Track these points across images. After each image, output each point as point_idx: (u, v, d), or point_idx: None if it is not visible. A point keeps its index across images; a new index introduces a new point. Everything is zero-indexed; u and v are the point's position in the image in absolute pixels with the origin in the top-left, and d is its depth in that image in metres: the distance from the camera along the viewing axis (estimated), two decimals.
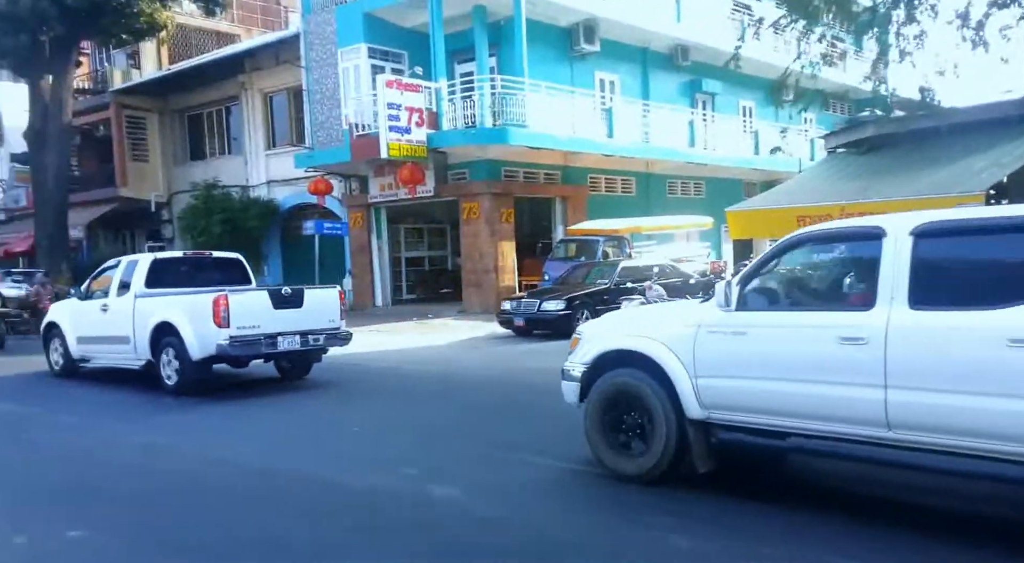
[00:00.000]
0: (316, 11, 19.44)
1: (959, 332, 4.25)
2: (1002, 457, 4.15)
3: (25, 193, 27.29)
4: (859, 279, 4.95)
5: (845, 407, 4.57)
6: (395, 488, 5.86)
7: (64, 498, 6.04)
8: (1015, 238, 4.31)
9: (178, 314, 10.17)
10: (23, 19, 19.12)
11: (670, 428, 5.30)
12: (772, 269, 5.24)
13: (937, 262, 4.53)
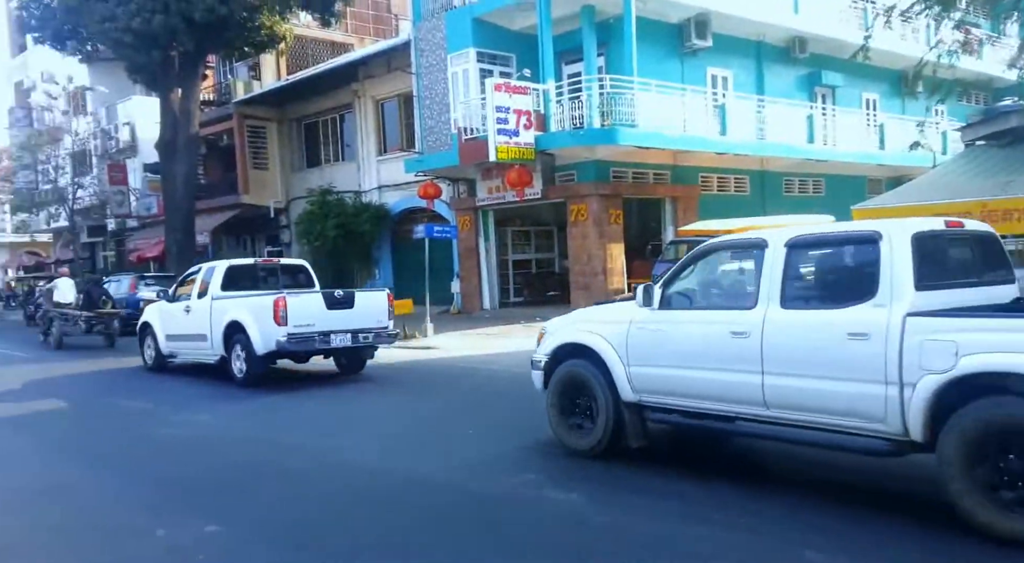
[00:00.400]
0: (426, 18, 19.76)
1: (814, 327, 5.14)
2: (845, 430, 5.04)
3: (156, 201, 29.05)
4: (748, 283, 5.74)
5: (735, 389, 5.49)
6: (514, 493, 5.84)
7: (195, 493, 6.31)
8: (852, 249, 5.33)
9: (245, 314, 11.36)
10: (156, 36, 20.29)
11: (609, 410, 6.31)
12: (687, 275, 6.12)
13: (802, 269, 5.48)
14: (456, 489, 6.05)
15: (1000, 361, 4.39)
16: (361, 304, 11.74)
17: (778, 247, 5.49)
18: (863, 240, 5.20)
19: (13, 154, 35.57)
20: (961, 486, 4.50)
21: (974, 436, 4.47)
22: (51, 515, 5.88)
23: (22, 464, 7.62)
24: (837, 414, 5.03)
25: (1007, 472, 4.38)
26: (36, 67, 35.88)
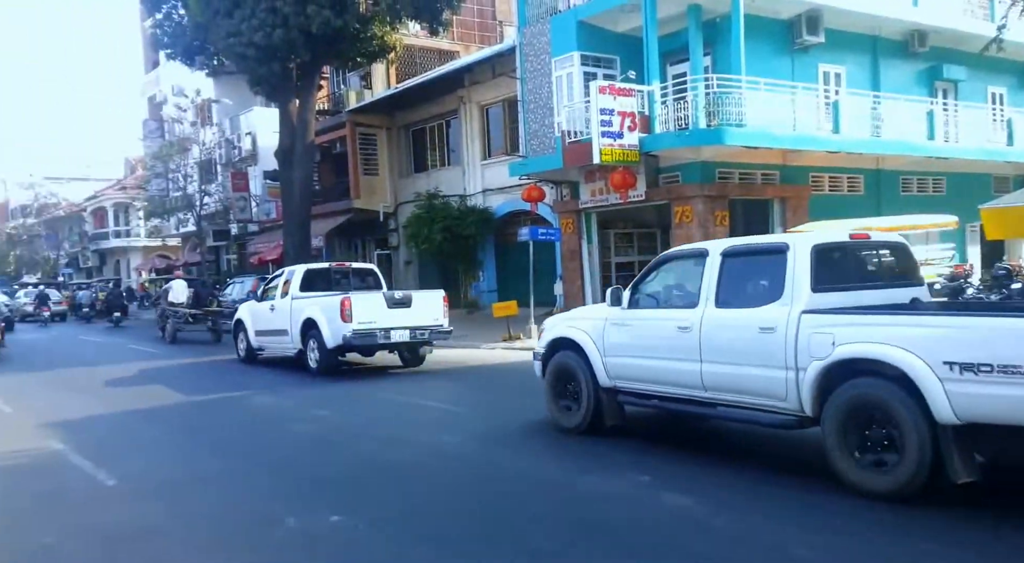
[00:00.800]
0: (531, 23, 20.07)
1: (738, 323, 6.19)
2: (761, 408, 6.12)
3: (275, 206, 30.64)
4: (693, 286, 6.72)
5: (682, 375, 6.61)
6: (626, 493, 5.98)
7: (320, 483, 6.66)
8: (768, 258, 6.25)
9: (318, 312, 12.97)
10: (276, 49, 21.45)
11: (590, 394, 7.53)
12: (651, 279, 7.24)
13: (731, 274, 6.45)
14: (564, 486, 6.39)
15: (859, 350, 5.46)
16: (418, 304, 13.07)
17: (715, 256, 6.62)
18: (776, 250, 6.28)
19: (147, 164, 38.33)
20: (837, 452, 5.59)
21: (844, 410, 5.54)
22: (189, 502, 6.34)
23: (158, 453, 8.18)
24: (754, 394, 6.17)
25: (868, 440, 5.49)
26: (167, 82, 38.53)
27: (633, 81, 17.02)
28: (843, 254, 6.52)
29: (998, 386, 4.83)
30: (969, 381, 4.96)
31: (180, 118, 34.46)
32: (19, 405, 11.41)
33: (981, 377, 4.91)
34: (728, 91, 16.17)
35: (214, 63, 26.48)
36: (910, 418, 5.21)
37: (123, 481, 6.93)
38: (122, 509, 6.16)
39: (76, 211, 55.01)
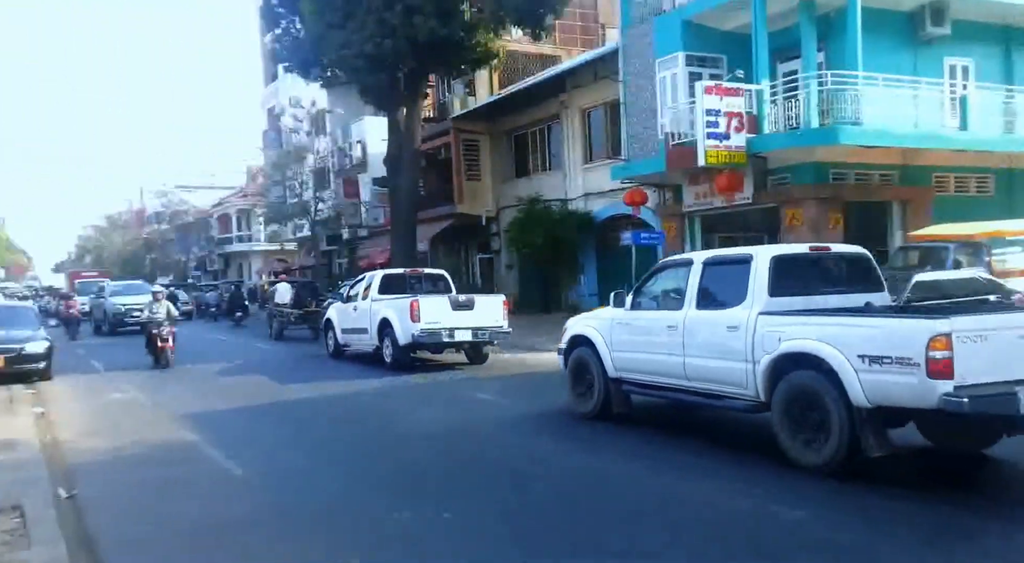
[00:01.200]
0: (634, 24, 19.81)
1: (712, 323, 7.22)
2: (729, 395, 7.15)
3: (383, 212, 31.55)
4: (680, 291, 7.72)
5: (669, 367, 7.70)
6: (738, 507, 5.82)
7: (433, 480, 6.89)
8: (737, 267, 7.21)
9: (392, 312, 14.55)
10: (384, 59, 22.10)
11: (600, 384, 8.71)
12: (650, 284, 8.36)
13: (709, 281, 7.47)
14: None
15: (797, 345, 6.43)
16: (480, 306, 14.40)
17: (698, 264, 7.73)
18: (743, 260, 7.32)
19: (267, 172, 40.33)
20: (781, 432, 6.61)
21: (786, 397, 6.54)
22: (309, 492, 6.64)
23: (277, 445, 8.67)
24: (723, 383, 7.21)
25: (804, 421, 6.42)
26: (285, 94, 40.44)
27: (741, 80, 16.49)
28: (802, 263, 7.53)
29: (896, 375, 5.76)
30: (876, 371, 5.88)
31: (296, 128, 36.08)
32: (156, 398, 12.33)
33: (884, 367, 5.83)
34: (843, 88, 15.38)
35: (327, 74, 27.52)
36: (833, 403, 6.18)
37: (249, 471, 7.37)
38: (251, 497, 6.56)
39: (204, 217, 58.54)
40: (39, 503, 6.08)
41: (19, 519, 5.65)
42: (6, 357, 13.84)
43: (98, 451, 8.57)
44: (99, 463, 8.02)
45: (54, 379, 14.54)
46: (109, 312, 27.67)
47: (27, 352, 14.14)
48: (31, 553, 4.97)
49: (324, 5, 22.38)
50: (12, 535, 5.30)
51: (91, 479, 7.26)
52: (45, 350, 14.48)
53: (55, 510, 5.97)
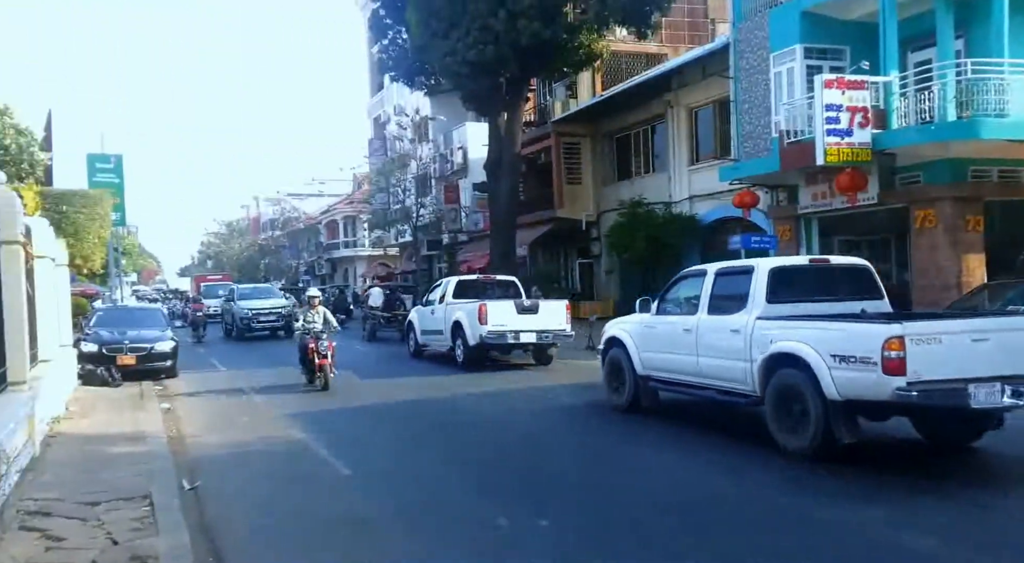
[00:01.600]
0: (747, 18, 19.09)
1: (719, 326, 8.27)
2: (733, 390, 8.22)
3: (483, 217, 31.72)
4: (696, 298, 8.79)
5: (685, 366, 8.80)
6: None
7: (527, 486, 6.83)
8: (742, 277, 8.29)
9: (463, 315, 15.81)
10: (487, 65, 22.22)
11: (630, 381, 9.81)
12: (673, 291, 9.48)
13: (719, 289, 8.54)
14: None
15: (784, 346, 7.33)
16: (544, 311, 15.50)
17: (711, 274, 8.76)
18: (746, 271, 8.31)
19: (372, 179, 41.39)
20: (772, 422, 7.54)
21: (775, 391, 7.45)
22: (411, 494, 6.71)
23: (379, 446, 8.81)
24: (728, 380, 8.17)
25: (789, 413, 7.35)
26: (390, 103, 41.44)
27: (866, 72, 15.57)
28: (800, 274, 8.54)
29: (859, 371, 6.69)
30: (844, 368, 6.83)
31: (400, 136, 36.88)
32: (267, 397, 12.76)
33: (851, 365, 6.77)
34: (985, 77, 14.23)
35: (431, 82, 28.02)
36: (811, 396, 7.11)
37: (356, 471, 7.51)
38: (355, 497, 6.67)
39: (313, 224, 60.77)
40: (165, 493, 6.40)
41: (148, 507, 5.99)
42: (137, 355, 14.72)
43: (217, 446, 8.99)
44: (218, 457, 8.38)
45: (179, 376, 15.29)
46: (236, 316, 26.61)
47: (156, 351, 15.00)
48: (158, 540, 5.24)
49: (430, 15, 22.72)
50: (142, 523, 5.62)
51: (211, 472, 7.56)
52: (172, 349, 15.29)
53: (179, 500, 6.26)
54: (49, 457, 7.85)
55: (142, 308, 21.47)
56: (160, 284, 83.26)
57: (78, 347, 14.25)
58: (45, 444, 8.31)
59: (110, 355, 14.43)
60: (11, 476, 6.27)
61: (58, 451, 8.13)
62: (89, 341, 14.69)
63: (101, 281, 29.70)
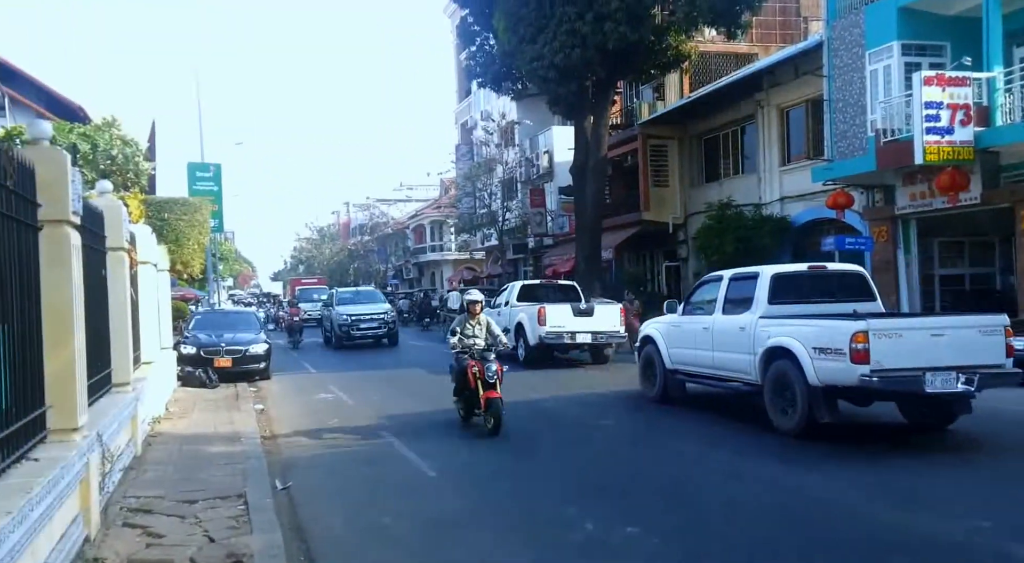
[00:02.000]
0: (841, 15, 18.41)
1: (731, 325, 9.63)
2: (740, 380, 9.59)
3: (568, 220, 31.68)
4: (713, 300, 10.27)
5: (703, 359, 10.28)
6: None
7: (614, 493, 6.78)
8: (750, 281, 9.69)
9: (525, 317, 17.04)
10: (574, 69, 22.20)
11: (660, 374, 11.30)
12: (697, 294, 11.01)
13: (732, 292, 9.99)
14: None
15: (777, 340, 8.67)
16: (599, 313, 16.71)
17: (726, 279, 10.14)
18: (753, 277, 9.62)
19: (458, 184, 41.98)
20: (769, 406, 8.84)
21: (771, 379, 8.77)
22: (495, 497, 6.80)
23: (464, 449, 8.92)
24: (737, 371, 9.43)
25: (782, 397, 8.68)
26: (477, 109, 41.94)
27: (968, 68, 14.79)
28: (799, 279, 9.73)
29: (833, 361, 7.93)
30: (822, 359, 8.08)
31: (487, 141, 37.24)
32: (358, 399, 13.12)
33: (827, 356, 8.00)
34: None
35: (518, 87, 28.19)
36: (797, 382, 8.37)
37: (442, 474, 7.64)
38: (442, 499, 6.79)
39: (401, 229, 62.13)
40: (259, 493, 6.63)
41: (243, 506, 6.21)
42: (233, 357, 15.33)
43: (308, 446, 9.28)
44: (309, 457, 8.66)
45: (272, 378, 15.92)
46: (336, 323, 24.57)
47: (251, 353, 15.61)
48: (252, 538, 5.41)
49: (517, 21, 22.88)
50: (237, 521, 5.83)
51: (302, 472, 7.82)
52: (265, 351, 15.91)
53: (272, 500, 6.46)
54: (150, 456, 8.25)
55: (237, 312, 22.22)
56: (254, 288, 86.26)
57: (178, 349, 14.88)
58: (146, 443, 8.73)
59: (207, 357, 15.02)
60: (115, 474, 6.61)
61: (158, 450, 8.54)
62: (188, 344, 15.33)
63: (200, 286, 30.94)
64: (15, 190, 4.54)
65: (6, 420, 4.27)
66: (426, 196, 65.64)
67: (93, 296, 6.56)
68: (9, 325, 4.44)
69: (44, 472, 4.37)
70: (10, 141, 8.95)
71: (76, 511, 5.08)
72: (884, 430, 9.13)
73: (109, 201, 8.32)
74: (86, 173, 13.45)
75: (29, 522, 3.87)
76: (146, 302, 10.29)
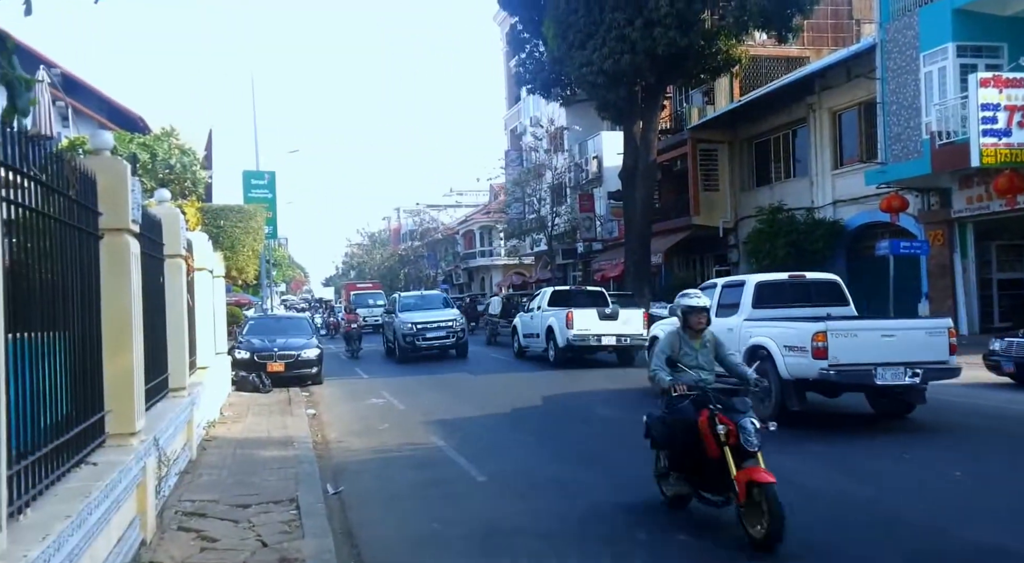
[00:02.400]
0: (895, 18, 18.05)
1: (722, 326, 9.39)
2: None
3: (617, 225, 31.57)
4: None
5: None
6: None
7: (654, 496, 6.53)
8: (738, 288, 10.99)
9: (554, 321, 18.17)
10: (623, 74, 22.16)
11: None
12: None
13: (724, 298, 11.16)
14: None
15: (757, 340, 9.88)
16: (623, 317, 17.62)
17: (719, 285, 11.52)
18: (741, 284, 11.02)
19: (507, 189, 42.16)
20: (751, 396, 7.34)
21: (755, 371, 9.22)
22: (545, 503, 6.73)
23: (515, 454, 8.90)
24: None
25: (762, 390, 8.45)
26: (526, 115, 42.11)
27: None
28: (780, 286, 10.90)
29: (799, 357, 9.14)
30: (791, 355, 9.29)
31: (536, 147, 37.34)
32: (408, 403, 13.17)
33: (794, 352, 9.22)
34: None
35: (567, 93, 28.26)
36: (772, 376, 9.40)
37: (491, 478, 7.63)
38: (492, 505, 6.75)
39: (450, 234, 62.64)
40: (311, 497, 6.68)
41: (295, 511, 6.26)
42: (286, 362, 15.58)
43: (359, 451, 9.34)
44: (360, 462, 8.71)
45: (324, 383, 16.17)
46: (399, 332, 21.48)
47: (303, 358, 15.85)
48: (304, 543, 5.44)
49: (567, 27, 22.97)
50: (289, 526, 5.88)
51: (353, 477, 7.88)
52: (317, 356, 16.15)
53: (324, 504, 6.52)
54: (204, 460, 8.27)
55: (290, 317, 22.40)
56: (306, 293, 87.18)
57: (232, 354, 15.10)
58: (201, 448, 8.74)
59: (261, 362, 15.21)
60: (171, 478, 6.67)
61: (213, 454, 8.64)
62: (242, 348, 15.56)
63: (253, 291, 31.35)
64: (77, 199, 4.63)
65: (66, 425, 4.35)
66: (476, 201, 66.03)
67: (151, 302, 6.69)
68: (71, 332, 4.53)
69: (102, 476, 4.41)
70: (73, 151, 9.27)
71: (133, 515, 5.13)
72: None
73: (167, 209, 8.48)
74: (145, 182, 13.91)
75: (88, 526, 3.89)
76: (202, 308, 10.40)
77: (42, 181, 4.03)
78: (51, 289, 4.23)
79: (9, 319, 3.42)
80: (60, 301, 4.38)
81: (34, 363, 3.93)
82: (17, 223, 3.72)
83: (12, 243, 3.65)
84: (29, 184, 3.85)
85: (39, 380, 4.00)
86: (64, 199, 4.40)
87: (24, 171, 3.78)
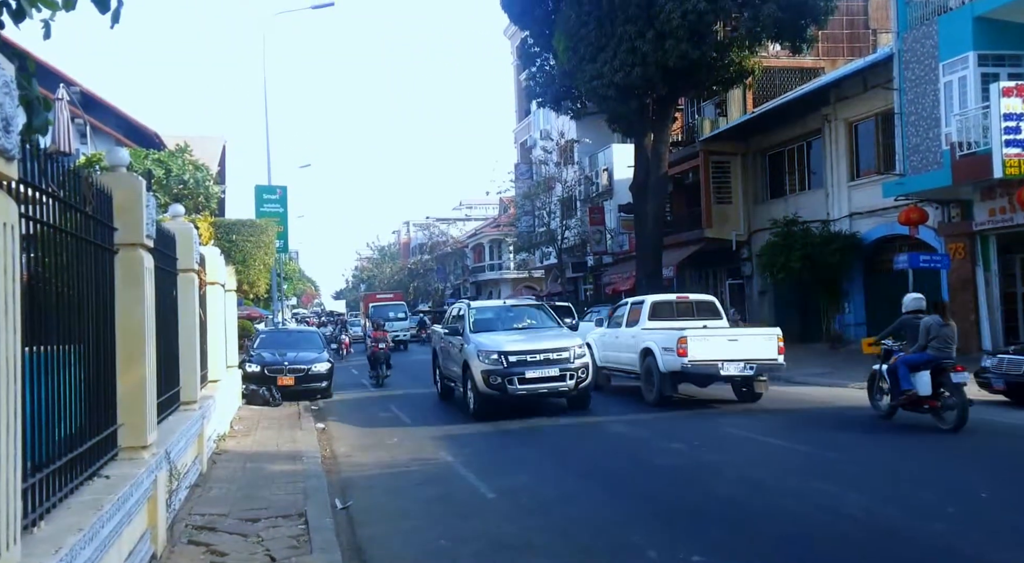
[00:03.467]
0: (912, 27, 17.86)
1: (627, 334, 14.67)
2: (634, 371, 14.39)
3: (628, 238, 31.39)
4: (622, 317, 15.52)
5: (617, 358, 15.27)
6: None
7: (680, 518, 6.50)
8: (640, 305, 14.87)
9: (655, 343, 17.85)
10: (634, 87, 22.03)
11: (593, 370, 13.58)
12: (615, 312, 16.36)
13: (631, 313, 15.15)
14: None
15: (646, 344, 13.43)
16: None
17: (629, 303, 15.34)
18: (642, 302, 14.71)
19: (517, 203, 42.11)
20: (643, 386, 13.82)
21: (644, 369, 13.54)
22: (557, 521, 6.56)
23: (528, 471, 8.67)
24: (630, 364, 14.39)
25: (649, 380, 13.56)
26: (536, 128, 42.11)
27: None
28: (670, 304, 14.62)
29: (671, 356, 12.62)
30: (666, 354, 12.77)
31: (546, 160, 37.29)
32: (416, 417, 13.11)
33: (668, 352, 12.69)
34: None
35: (577, 106, 28.17)
36: (655, 369, 13.02)
37: (501, 495, 7.49)
38: (501, 521, 6.61)
39: (460, 247, 62.63)
40: (319, 512, 6.62)
41: (303, 526, 6.21)
42: (296, 376, 15.53)
43: (368, 465, 9.26)
44: (368, 477, 8.63)
45: (333, 396, 16.06)
46: (475, 368, 12.55)
47: (313, 372, 15.81)
48: (312, 558, 5.40)
49: (577, 40, 22.88)
50: (298, 540, 5.83)
51: (362, 492, 7.79)
52: (327, 370, 16.08)
53: (332, 519, 6.44)
54: (215, 474, 8.27)
55: (300, 331, 22.51)
56: (317, 307, 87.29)
57: (243, 368, 15.11)
58: (211, 461, 8.80)
59: (271, 375, 15.23)
60: (181, 492, 6.69)
61: (223, 468, 8.61)
62: (253, 362, 15.57)
63: (265, 305, 31.41)
64: (93, 215, 4.69)
65: (80, 438, 4.35)
66: (485, 215, 66.06)
67: (164, 316, 6.70)
68: (85, 345, 4.54)
69: (115, 489, 4.43)
70: (90, 168, 9.25)
71: (144, 528, 5.13)
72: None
73: (181, 224, 8.53)
74: (159, 197, 13.89)
75: (100, 539, 3.91)
76: (214, 321, 10.47)
77: (60, 197, 4.09)
78: (67, 303, 4.27)
79: (26, 333, 3.43)
80: (75, 315, 4.42)
81: (49, 376, 3.97)
82: (35, 238, 3.78)
83: (30, 258, 3.71)
84: (47, 200, 3.92)
85: (54, 393, 4.03)
86: (81, 215, 4.46)
87: (43, 188, 3.84)
